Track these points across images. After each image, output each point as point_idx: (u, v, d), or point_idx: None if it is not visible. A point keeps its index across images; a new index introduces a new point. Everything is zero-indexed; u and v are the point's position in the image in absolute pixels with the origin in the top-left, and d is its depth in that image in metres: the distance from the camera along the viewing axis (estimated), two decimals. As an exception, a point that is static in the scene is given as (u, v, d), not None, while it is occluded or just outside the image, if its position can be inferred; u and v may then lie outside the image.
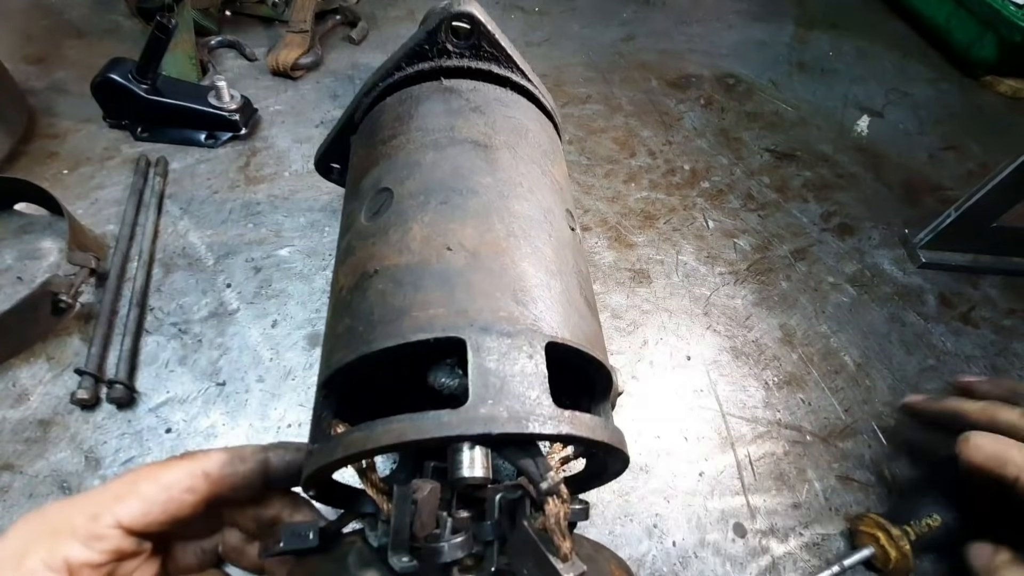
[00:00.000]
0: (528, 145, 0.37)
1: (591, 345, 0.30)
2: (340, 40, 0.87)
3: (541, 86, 0.44)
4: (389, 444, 0.24)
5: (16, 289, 0.52)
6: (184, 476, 0.26)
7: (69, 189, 0.61)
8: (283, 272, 0.57)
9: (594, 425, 0.27)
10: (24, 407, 0.46)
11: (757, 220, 0.69)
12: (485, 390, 0.24)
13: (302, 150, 0.69)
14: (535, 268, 0.30)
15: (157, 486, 0.26)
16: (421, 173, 0.33)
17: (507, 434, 0.24)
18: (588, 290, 0.34)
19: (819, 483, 0.48)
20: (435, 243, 0.30)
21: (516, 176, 0.34)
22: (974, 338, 0.60)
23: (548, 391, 0.26)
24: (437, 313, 0.27)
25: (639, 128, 0.79)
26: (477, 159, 0.34)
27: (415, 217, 0.31)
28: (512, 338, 0.26)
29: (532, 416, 0.24)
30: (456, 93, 0.39)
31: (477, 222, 0.31)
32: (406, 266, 0.29)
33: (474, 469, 0.25)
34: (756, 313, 0.60)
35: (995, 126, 0.90)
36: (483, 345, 0.26)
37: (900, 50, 1.03)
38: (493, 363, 0.25)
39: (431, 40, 0.39)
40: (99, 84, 0.64)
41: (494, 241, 0.30)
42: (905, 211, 0.73)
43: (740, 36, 1.01)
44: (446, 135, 0.35)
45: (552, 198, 0.36)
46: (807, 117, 0.85)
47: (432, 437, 0.23)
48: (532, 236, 0.31)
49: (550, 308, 0.29)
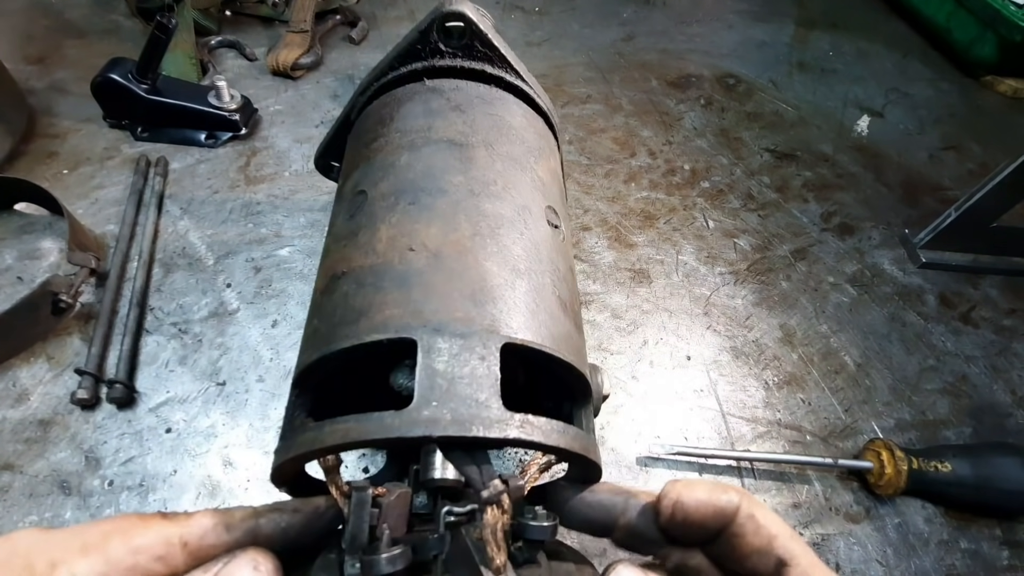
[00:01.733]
0: (508, 142, 0.37)
1: (559, 347, 0.29)
2: (340, 40, 0.87)
3: (537, 86, 0.44)
4: (333, 445, 0.24)
5: (16, 289, 0.52)
6: (158, 542, 0.24)
7: (69, 189, 0.61)
8: (283, 272, 0.57)
9: (549, 430, 0.26)
10: (24, 407, 0.46)
11: (757, 220, 0.69)
12: (431, 392, 0.24)
13: (302, 150, 0.69)
14: (499, 267, 0.30)
15: (126, 548, 0.23)
16: (395, 174, 0.34)
17: (449, 437, 0.23)
18: (566, 290, 0.33)
19: (819, 483, 0.48)
20: (399, 244, 0.30)
21: (490, 174, 0.34)
22: (974, 338, 0.60)
23: (499, 394, 0.25)
24: (393, 314, 0.27)
25: (639, 128, 0.79)
26: (451, 158, 0.34)
27: (384, 218, 0.31)
28: (465, 339, 0.26)
29: (477, 419, 0.24)
30: (438, 93, 0.38)
31: (443, 222, 0.31)
32: (370, 267, 0.29)
33: (445, 471, 0.25)
34: (756, 313, 0.60)
35: (995, 126, 0.90)
36: (434, 346, 0.26)
37: (900, 50, 1.03)
38: (442, 364, 0.25)
39: (423, 40, 0.39)
40: (99, 84, 0.64)
41: (458, 241, 0.30)
42: (905, 211, 0.73)
43: (740, 36, 1.01)
44: (423, 135, 0.35)
45: (531, 195, 0.35)
46: (807, 117, 0.85)
47: (373, 439, 0.24)
48: (500, 235, 0.31)
49: (512, 308, 0.28)
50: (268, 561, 0.23)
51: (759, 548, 0.26)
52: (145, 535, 0.23)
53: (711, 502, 0.27)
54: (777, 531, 0.26)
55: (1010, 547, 0.46)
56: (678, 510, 0.27)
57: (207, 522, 0.24)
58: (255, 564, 0.23)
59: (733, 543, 0.27)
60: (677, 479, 0.27)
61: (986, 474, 0.45)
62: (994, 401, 0.55)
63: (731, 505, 0.27)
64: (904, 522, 0.46)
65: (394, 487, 0.25)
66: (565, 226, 0.38)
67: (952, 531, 0.46)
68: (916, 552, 0.45)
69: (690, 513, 0.27)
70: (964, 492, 0.45)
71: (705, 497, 0.27)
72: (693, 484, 0.27)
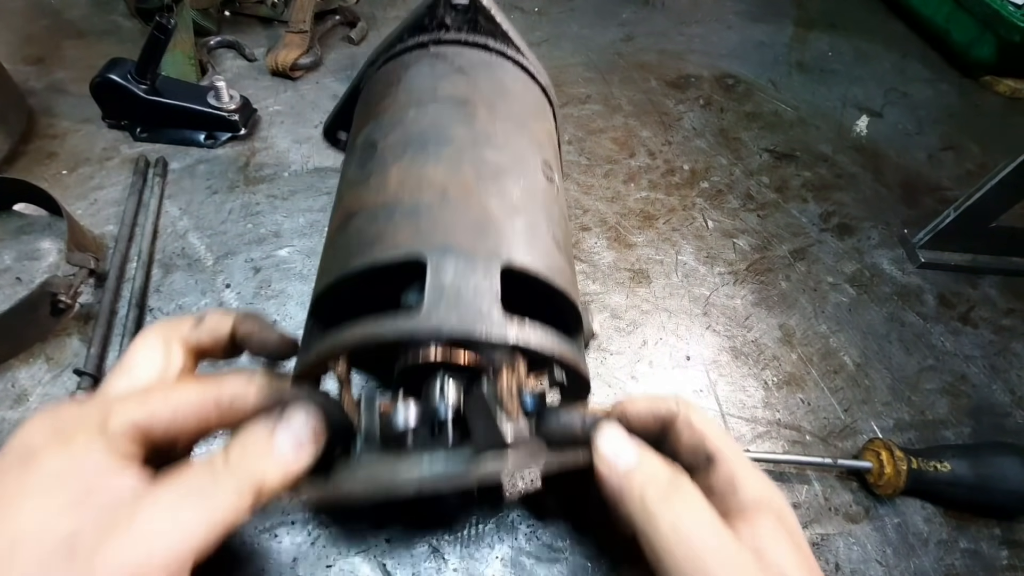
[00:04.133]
0: (508, 103, 0.40)
1: (554, 276, 0.32)
2: (340, 40, 0.87)
3: (537, 63, 0.46)
4: (353, 343, 0.28)
5: (15, 290, 0.52)
6: (195, 398, 0.27)
7: (68, 189, 0.61)
8: (283, 272, 0.57)
9: (545, 336, 0.29)
10: (23, 408, 0.46)
11: (756, 220, 0.69)
12: (439, 299, 0.28)
13: (302, 150, 0.69)
14: (500, 205, 0.33)
15: (167, 404, 0.27)
16: (403, 127, 0.37)
17: (455, 337, 0.27)
18: (560, 232, 0.36)
19: (818, 483, 0.48)
20: (408, 184, 0.33)
21: (491, 128, 0.37)
22: (973, 338, 0.60)
23: (499, 305, 0.29)
24: (404, 239, 0.30)
25: (638, 128, 0.79)
26: (455, 114, 0.37)
27: (394, 163, 0.34)
28: (469, 260, 0.29)
29: (479, 323, 0.27)
30: (442, 58, 0.41)
31: (448, 166, 0.34)
32: (382, 204, 0.33)
33: (447, 396, 0.29)
34: (755, 313, 0.60)
35: (994, 126, 0.90)
36: (442, 265, 0.29)
37: (899, 50, 1.03)
38: (449, 279, 0.28)
39: (431, 14, 0.42)
40: (98, 84, 0.64)
41: (462, 182, 0.33)
42: (904, 211, 0.73)
43: (739, 36, 1.01)
44: (429, 94, 0.39)
45: (528, 150, 0.38)
46: (806, 117, 0.85)
47: (389, 336, 0.27)
48: (501, 179, 0.34)
49: (511, 239, 0.32)
50: (315, 407, 0.27)
51: (692, 446, 0.30)
52: (185, 394, 0.27)
53: (651, 411, 0.31)
54: (708, 432, 0.30)
55: (1009, 547, 0.46)
56: (623, 421, 0.31)
57: (239, 381, 0.28)
58: (305, 409, 0.27)
59: (671, 441, 0.31)
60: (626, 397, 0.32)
61: (985, 474, 0.45)
62: (993, 401, 0.56)
63: (669, 412, 0.31)
64: (903, 522, 0.46)
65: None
66: (559, 181, 0.41)
67: (951, 531, 0.46)
68: (915, 552, 0.45)
69: (633, 422, 0.31)
70: (963, 492, 0.45)
71: (645, 407, 0.32)
72: (636, 398, 0.32)
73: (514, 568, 0.41)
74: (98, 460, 0.24)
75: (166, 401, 0.27)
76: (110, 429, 0.25)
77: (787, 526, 0.27)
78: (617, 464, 0.29)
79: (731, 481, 0.29)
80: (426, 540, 0.41)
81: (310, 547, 0.40)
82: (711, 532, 0.26)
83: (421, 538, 0.41)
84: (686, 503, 0.27)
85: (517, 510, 0.43)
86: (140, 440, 0.26)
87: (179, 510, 0.23)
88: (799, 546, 0.27)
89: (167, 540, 0.22)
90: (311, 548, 0.40)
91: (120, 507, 0.23)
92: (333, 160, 0.68)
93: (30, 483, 0.23)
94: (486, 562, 0.41)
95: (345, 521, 0.42)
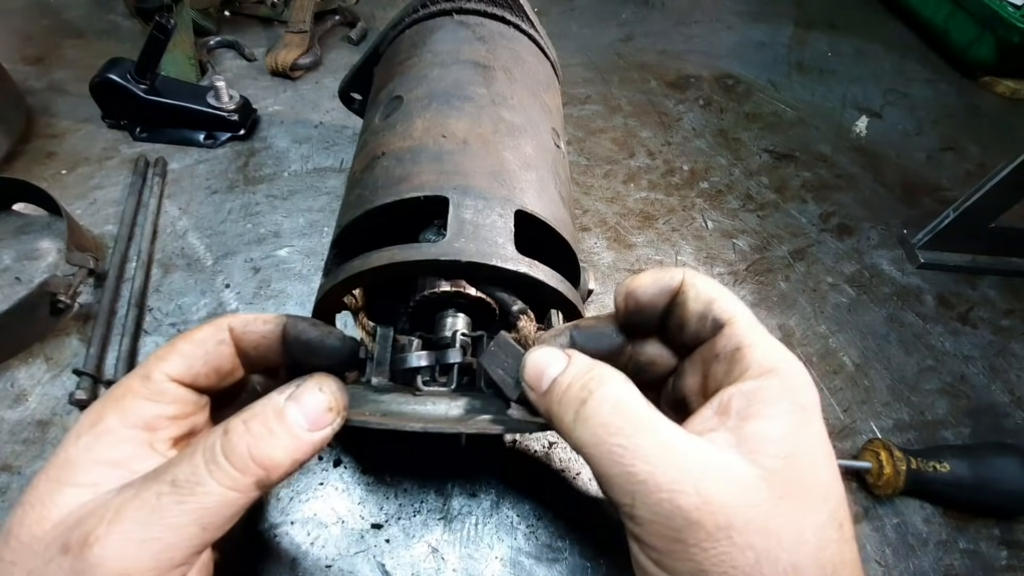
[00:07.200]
0: (522, 72, 0.44)
1: (560, 227, 0.35)
2: (339, 40, 0.87)
3: (546, 38, 0.51)
4: (380, 265, 0.30)
5: (14, 290, 0.52)
6: (213, 331, 0.29)
7: (68, 189, 0.61)
8: (282, 272, 0.57)
9: (551, 274, 0.33)
10: (22, 408, 0.46)
11: (756, 221, 0.69)
12: (460, 232, 0.31)
13: (301, 150, 0.69)
14: (514, 158, 0.36)
15: (191, 343, 0.29)
16: (428, 83, 0.40)
17: (473, 264, 0.30)
18: (565, 191, 0.40)
19: (818, 483, 0.48)
20: (433, 132, 0.36)
21: (508, 91, 0.41)
22: (972, 338, 0.60)
23: (513, 242, 0.32)
24: (428, 180, 0.33)
25: (638, 129, 0.79)
26: (476, 75, 0.41)
27: (419, 114, 0.38)
28: (487, 200, 0.33)
29: (495, 255, 0.31)
30: (465, 25, 0.45)
31: (469, 120, 0.37)
32: (408, 148, 0.36)
33: (457, 331, 0.33)
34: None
35: (993, 127, 0.90)
36: (463, 203, 0.32)
37: (899, 51, 1.03)
38: (469, 215, 0.32)
39: None
40: (98, 84, 0.64)
41: (482, 134, 0.36)
42: (904, 211, 0.73)
43: (739, 37, 1.01)
44: (452, 56, 0.42)
45: (539, 115, 0.42)
46: (806, 118, 0.85)
47: (414, 260, 0.30)
48: (516, 136, 0.38)
49: (523, 188, 0.35)
50: (332, 382, 0.28)
51: (699, 312, 0.29)
52: (202, 331, 0.30)
53: (657, 283, 0.30)
54: (716, 295, 0.30)
55: (1008, 547, 0.46)
56: (630, 299, 0.30)
57: (245, 315, 0.31)
58: (319, 386, 0.27)
59: (678, 313, 0.30)
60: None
61: (984, 474, 0.45)
62: (992, 401, 0.55)
63: (674, 280, 0.30)
64: (903, 522, 0.46)
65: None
66: (564, 148, 0.45)
67: (951, 531, 0.46)
68: (915, 552, 0.45)
69: (640, 296, 0.30)
70: (962, 492, 0.45)
71: (651, 279, 0.30)
72: (641, 274, 0.31)
73: (513, 568, 0.41)
74: (153, 414, 0.27)
75: (189, 340, 0.29)
76: (154, 387, 0.27)
77: (791, 390, 0.26)
78: (540, 385, 0.27)
79: (737, 346, 0.27)
80: (426, 540, 0.41)
81: (310, 547, 0.41)
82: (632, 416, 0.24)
83: (421, 538, 0.41)
84: (607, 390, 0.25)
85: (516, 509, 0.43)
86: (191, 383, 0.29)
87: (162, 513, 0.23)
88: (800, 409, 0.25)
89: (149, 549, 0.22)
90: (311, 548, 0.41)
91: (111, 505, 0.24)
92: (333, 160, 0.68)
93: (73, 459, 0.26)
94: (485, 562, 0.41)
95: (359, 458, 0.45)
